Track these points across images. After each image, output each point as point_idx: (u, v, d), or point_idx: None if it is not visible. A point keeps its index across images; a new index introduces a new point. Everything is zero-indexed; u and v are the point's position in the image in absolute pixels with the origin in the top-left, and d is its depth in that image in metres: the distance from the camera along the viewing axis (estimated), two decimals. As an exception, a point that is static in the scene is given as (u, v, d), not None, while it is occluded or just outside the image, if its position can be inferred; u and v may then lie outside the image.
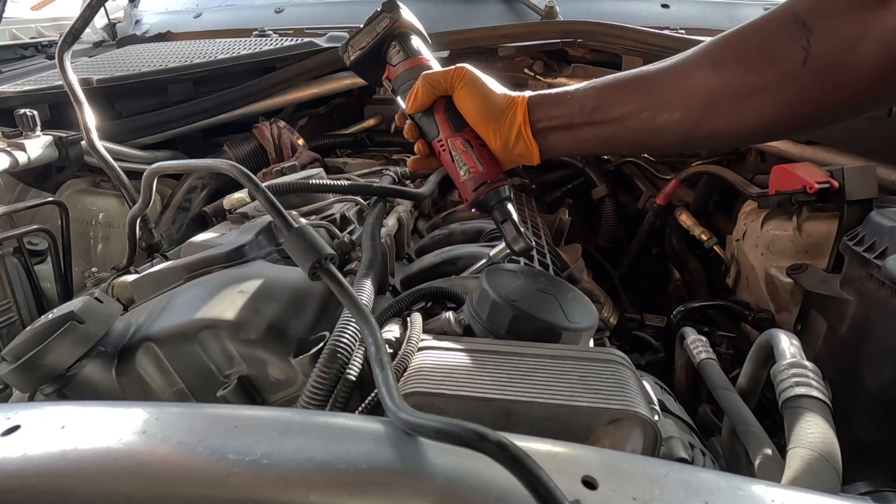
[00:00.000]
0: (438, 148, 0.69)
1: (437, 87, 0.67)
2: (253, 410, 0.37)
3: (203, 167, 0.68)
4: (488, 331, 0.55)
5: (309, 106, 1.53)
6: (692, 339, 0.84)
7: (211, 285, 0.61)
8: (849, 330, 0.82)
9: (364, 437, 0.34)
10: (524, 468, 0.28)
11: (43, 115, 1.13)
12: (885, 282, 0.72)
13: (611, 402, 0.44)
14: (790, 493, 0.32)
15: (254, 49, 1.35)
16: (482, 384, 0.45)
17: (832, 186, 0.93)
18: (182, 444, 0.33)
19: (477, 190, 0.66)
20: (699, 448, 0.62)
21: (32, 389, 0.53)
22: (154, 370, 0.56)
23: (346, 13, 1.60)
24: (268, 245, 0.75)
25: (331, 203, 0.95)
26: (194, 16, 1.78)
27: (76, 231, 1.20)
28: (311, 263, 0.49)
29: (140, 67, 1.30)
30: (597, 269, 1.49)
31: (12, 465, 0.32)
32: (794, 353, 0.63)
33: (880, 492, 0.57)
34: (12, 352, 0.52)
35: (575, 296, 0.59)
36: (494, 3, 1.56)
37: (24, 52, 1.72)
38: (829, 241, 0.98)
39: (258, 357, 0.54)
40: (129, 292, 0.70)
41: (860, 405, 0.78)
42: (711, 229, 1.36)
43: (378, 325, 0.45)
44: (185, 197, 1.24)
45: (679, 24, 1.44)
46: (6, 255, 0.96)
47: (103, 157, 0.92)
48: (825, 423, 0.53)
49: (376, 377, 0.38)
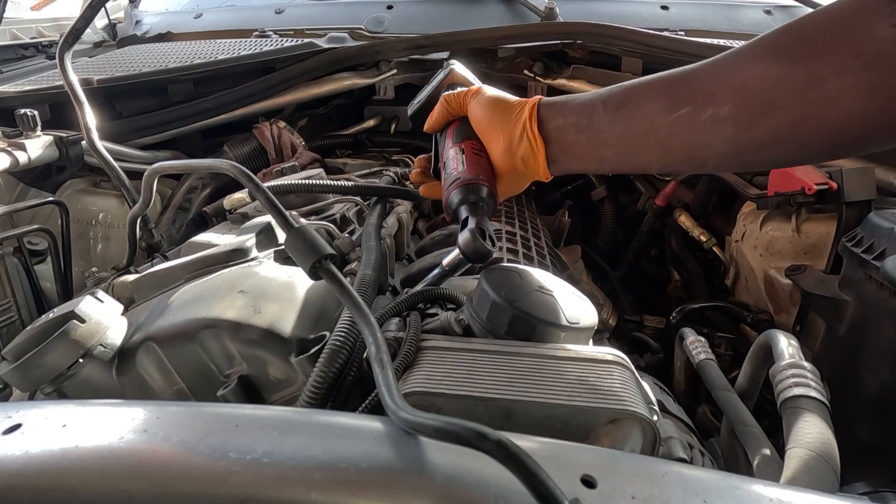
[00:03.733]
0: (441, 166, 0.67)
1: (453, 104, 0.67)
2: (253, 409, 0.37)
3: (203, 167, 0.68)
4: (488, 331, 0.55)
5: (309, 106, 1.53)
6: (691, 340, 0.84)
7: (211, 285, 0.61)
8: (847, 331, 0.82)
9: (364, 436, 0.34)
10: (524, 467, 0.28)
11: (43, 114, 1.13)
12: (884, 283, 0.72)
13: (610, 401, 0.45)
14: (788, 492, 0.32)
15: (254, 49, 1.35)
16: (482, 384, 0.46)
17: (831, 188, 0.94)
18: (183, 443, 0.33)
19: (447, 188, 0.62)
20: (698, 448, 0.62)
21: (32, 389, 0.53)
22: (154, 370, 0.56)
23: (346, 14, 1.60)
24: (268, 245, 0.75)
25: (331, 203, 0.95)
26: (195, 16, 1.78)
27: (76, 231, 1.20)
28: (311, 263, 0.49)
29: (140, 68, 1.30)
30: (596, 271, 1.50)
31: (13, 464, 0.32)
32: (792, 353, 0.64)
33: (878, 492, 0.57)
34: (12, 351, 0.52)
35: (574, 296, 0.59)
36: (494, 4, 1.56)
37: (25, 52, 1.72)
38: (828, 242, 0.98)
39: (258, 357, 0.54)
40: (129, 292, 0.70)
41: (859, 406, 0.78)
42: (710, 230, 1.37)
43: (378, 325, 0.45)
44: (185, 197, 1.24)
45: (678, 25, 1.45)
46: (6, 255, 0.96)
47: (104, 156, 0.92)
48: (824, 424, 0.53)
49: (376, 376, 0.39)
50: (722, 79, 0.49)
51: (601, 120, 0.55)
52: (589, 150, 0.57)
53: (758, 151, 0.49)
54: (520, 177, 0.62)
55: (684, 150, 0.52)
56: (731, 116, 0.48)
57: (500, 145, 0.61)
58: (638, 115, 0.53)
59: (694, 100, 0.49)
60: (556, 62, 1.41)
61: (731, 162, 0.51)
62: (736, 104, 0.47)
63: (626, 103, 0.54)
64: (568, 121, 0.57)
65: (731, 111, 0.48)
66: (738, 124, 0.48)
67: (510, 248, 0.89)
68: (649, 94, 0.53)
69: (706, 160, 0.52)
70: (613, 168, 0.58)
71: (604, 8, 1.53)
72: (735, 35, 1.43)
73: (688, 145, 0.52)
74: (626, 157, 0.56)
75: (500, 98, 0.63)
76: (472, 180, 0.61)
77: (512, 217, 1.05)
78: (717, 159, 0.51)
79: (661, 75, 0.53)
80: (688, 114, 0.49)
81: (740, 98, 0.47)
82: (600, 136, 0.55)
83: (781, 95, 0.46)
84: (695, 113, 0.49)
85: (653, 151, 0.53)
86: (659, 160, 0.54)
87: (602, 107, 0.55)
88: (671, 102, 0.51)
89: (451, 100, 0.67)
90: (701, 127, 0.49)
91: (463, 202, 0.60)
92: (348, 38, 1.42)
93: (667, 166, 0.57)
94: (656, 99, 0.52)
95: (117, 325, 0.57)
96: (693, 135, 0.50)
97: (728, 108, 0.48)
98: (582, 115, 0.56)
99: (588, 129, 0.56)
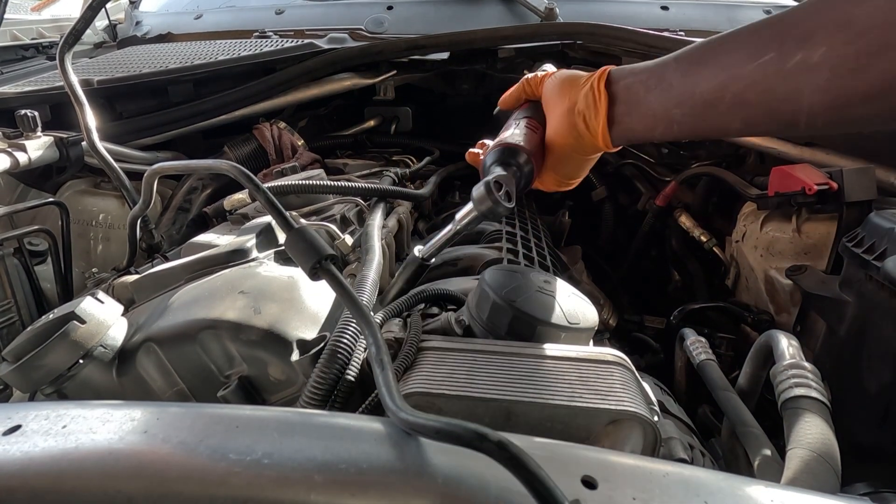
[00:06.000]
0: None
1: (531, 83, 0.66)
2: (253, 410, 0.37)
3: (204, 168, 0.68)
4: (488, 331, 0.55)
5: (309, 107, 1.53)
6: (692, 341, 0.84)
7: (211, 286, 0.61)
8: (848, 331, 0.82)
9: (364, 437, 0.34)
10: (524, 468, 0.28)
11: (44, 115, 1.13)
12: (885, 283, 0.72)
13: (610, 402, 0.45)
14: (789, 493, 0.32)
15: (254, 50, 1.35)
16: (482, 384, 0.46)
17: (831, 188, 0.93)
18: (183, 444, 0.33)
19: (489, 151, 0.61)
20: (699, 449, 0.62)
21: (33, 389, 0.53)
22: (155, 370, 0.56)
23: (347, 14, 1.60)
24: (268, 246, 0.75)
25: (331, 204, 0.95)
26: (195, 17, 1.78)
27: (76, 232, 1.20)
28: (311, 264, 0.49)
29: (141, 68, 1.30)
30: (596, 271, 1.50)
31: (13, 465, 0.32)
32: (793, 354, 0.63)
33: (879, 492, 0.57)
34: (13, 352, 0.52)
35: (575, 296, 0.59)
36: (494, 4, 1.56)
37: (25, 53, 1.73)
38: (829, 242, 0.98)
39: (258, 357, 0.54)
40: (129, 293, 0.70)
41: (859, 406, 0.78)
42: (711, 231, 1.36)
43: (378, 326, 0.45)
44: (185, 198, 1.24)
45: (678, 25, 1.45)
46: (6, 256, 0.96)
47: (104, 157, 0.92)
48: (824, 424, 0.53)
49: (377, 377, 0.39)
50: (819, 15, 0.41)
51: (673, 76, 0.49)
52: (657, 108, 0.51)
53: (863, 103, 0.40)
54: (578, 142, 0.57)
55: (769, 103, 0.44)
56: (827, 59, 0.40)
57: (563, 107, 0.58)
58: (715, 66, 0.46)
59: (782, 43, 0.42)
60: (556, 62, 1.41)
61: (829, 118, 0.42)
62: (834, 44, 0.39)
63: (703, 56, 0.47)
64: (637, 79, 0.52)
65: (827, 53, 0.40)
66: (837, 69, 0.39)
67: (510, 248, 0.89)
68: (731, 44, 0.46)
69: (797, 117, 0.43)
70: (685, 131, 0.50)
71: (604, 8, 1.53)
72: (735, 35, 1.42)
73: (773, 97, 0.43)
74: (700, 116, 0.48)
75: (573, 72, 0.61)
76: (513, 144, 0.59)
77: (512, 217, 1.05)
78: (811, 116, 0.42)
79: (746, 25, 0.46)
80: (772, 60, 0.42)
81: (842, 36, 0.39)
82: (671, 91, 0.49)
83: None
84: (781, 59, 0.42)
85: (731, 108, 0.46)
86: (738, 118, 0.46)
87: (675, 62, 0.49)
88: (753, 49, 0.43)
89: (530, 80, 0.66)
90: (789, 74, 0.42)
91: (495, 161, 0.59)
92: (348, 38, 1.42)
93: (748, 126, 0.46)
94: (739, 48, 0.45)
95: (117, 325, 0.57)
96: (780, 84, 0.42)
97: (823, 49, 0.40)
98: (653, 73, 0.51)
99: (658, 87, 0.50)
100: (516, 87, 0.68)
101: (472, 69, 1.47)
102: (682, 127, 0.50)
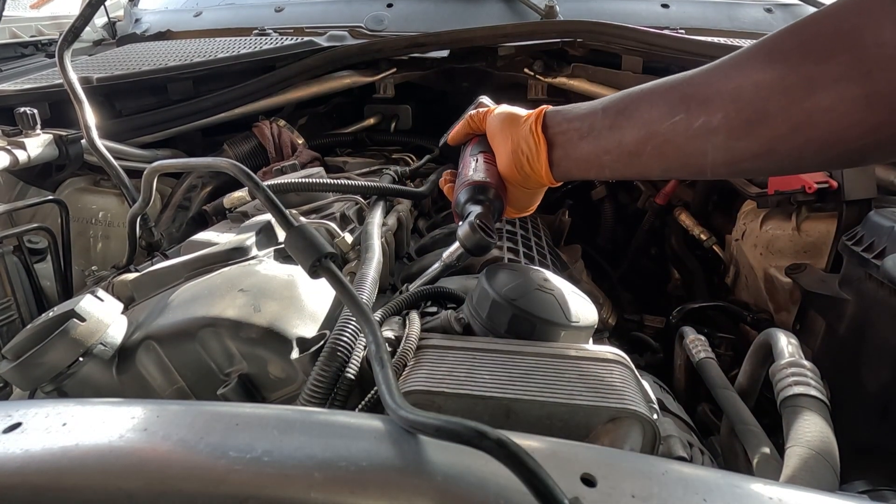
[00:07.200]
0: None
1: (475, 120, 0.71)
2: (253, 408, 0.37)
3: (203, 166, 0.68)
4: (488, 329, 0.55)
5: (309, 105, 1.53)
6: (691, 339, 0.84)
7: (211, 284, 0.61)
8: (847, 329, 0.82)
9: (364, 435, 0.34)
10: (523, 466, 0.28)
11: (43, 113, 1.13)
12: (884, 281, 0.72)
13: (610, 400, 0.45)
14: (788, 491, 0.32)
15: (254, 48, 1.35)
16: (482, 382, 0.46)
17: (831, 186, 0.94)
18: (183, 442, 0.33)
19: (457, 189, 0.66)
20: (698, 447, 0.62)
21: (33, 387, 0.53)
22: (154, 368, 0.56)
23: (346, 12, 1.60)
24: (268, 244, 0.75)
25: (331, 202, 0.95)
26: (194, 14, 1.78)
27: (76, 229, 1.20)
28: (311, 262, 0.49)
29: (140, 66, 1.30)
30: (596, 270, 1.50)
31: (14, 463, 0.32)
32: (792, 352, 0.64)
33: (878, 490, 0.58)
34: (13, 350, 0.52)
35: (575, 294, 0.59)
36: (494, 2, 1.56)
37: (24, 51, 1.72)
38: (828, 240, 0.98)
39: (258, 355, 0.54)
40: (129, 291, 0.70)
41: (858, 404, 0.78)
42: (711, 229, 1.36)
43: (378, 324, 0.45)
44: (185, 195, 1.24)
45: (679, 24, 1.44)
46: (6, 254, 0.96)
47: (103, 155, 0.92)
48: (823, 422, 0.54)
49: (376, 375, 0.39)
50: (715, 85, 0.47)
51: (601, 126, 0.55)
52: (590, 154, 0.57)
53: (752, 160, 0.48)
54: (525, 180, 0.63)
55: (680, 157, 0.51)
56: (723, 124, 0.46)
57: (508, 148, 0.63)
58: (636, 121, 0.52)
59: (688, 107, 0.48)
60: (556, 60, 1.41)
61: (727, 170, 0.49)
62: (728, 112, 0.46)
63: (625, 109, 0.54)
64: (571, 126, 0.58)
65: (723, 119, 0.46)
66: (731, 133, 0.46)
67: (510, 247, 0.89)
68: (647, 101, 0.52)
69: (703, 168, 0.50)
70: (615, 174, 0.57)
71: (604, 6, 1.53)
72: (736, 33, 1.42)
73: (683, 153, 0.50)
74: (626, 164, 0.55)
75: (512, 110, 0.66)
76: (480, 182, 0.64)
77: (512, 216, 1.05)
78: (714, 168, 0.49)
79: (660, 81, 0.53)
80: (682, 121, 0.49)
81: (733, 105, 0.46)
82: (600, 141, 0.55)
83: (774, 103, 0.44)
84: (688, 120, 0.48)
85: (651, 158, 0.53)
86: (657, 167, 0.54)
87: (602, 113, 0.55)
88: (667, 109, 0.50)
89: (474, 117, 0.71)
90: (695, 135, 0.48)
91: (469, 200, 0.63)
92: (348, 36, 1.42)
93: (666, 173, 0.54)
94: (653, 105, 0.51)
95: (117, 323, 0.57)
96: (688, 143, 0.49)
97: (720, 116, 0.46)
98: (584, 121, 0.57)
99: (589, 135, 0.56)
100: (462, 125, 0.73)
101: (473, 67, 1.47)
102: (613, 171, 0.57)
